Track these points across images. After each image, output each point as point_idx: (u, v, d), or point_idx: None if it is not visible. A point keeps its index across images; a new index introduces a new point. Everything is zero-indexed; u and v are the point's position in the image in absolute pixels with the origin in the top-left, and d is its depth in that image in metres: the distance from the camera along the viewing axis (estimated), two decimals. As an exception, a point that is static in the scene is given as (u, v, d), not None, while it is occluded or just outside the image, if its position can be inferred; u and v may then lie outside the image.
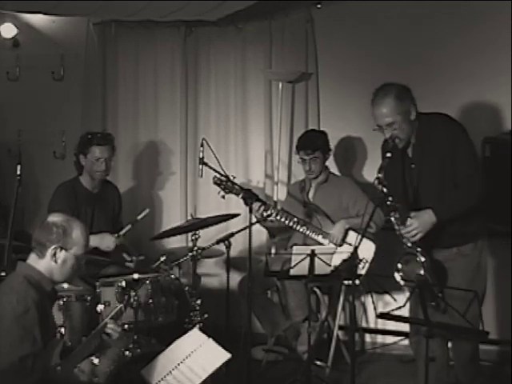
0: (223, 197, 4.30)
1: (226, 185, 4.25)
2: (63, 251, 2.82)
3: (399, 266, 3.38)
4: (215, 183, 4.29)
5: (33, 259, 2.85)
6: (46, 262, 2.83)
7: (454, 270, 3.42)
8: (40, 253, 2.82)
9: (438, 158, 3.39)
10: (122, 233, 4.36)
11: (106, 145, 4.43)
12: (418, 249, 3.35)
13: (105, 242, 4.28)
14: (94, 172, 4.42)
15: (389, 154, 3.33)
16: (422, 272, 3.30)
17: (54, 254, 2.81)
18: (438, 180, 3.41)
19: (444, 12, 4.71)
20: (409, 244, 3.38)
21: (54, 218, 2.88)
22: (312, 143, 4.57)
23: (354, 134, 5.07)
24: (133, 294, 3.57)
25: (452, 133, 3.38)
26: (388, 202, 3.35)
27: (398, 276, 3.40)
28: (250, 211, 3.87)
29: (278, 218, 4.42)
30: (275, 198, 5.05)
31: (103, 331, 2.99)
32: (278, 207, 4.60)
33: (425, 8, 4.74)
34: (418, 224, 3.33)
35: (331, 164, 4.87)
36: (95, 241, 4.19)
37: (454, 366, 3.60)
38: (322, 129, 4.96)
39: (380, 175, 3.30)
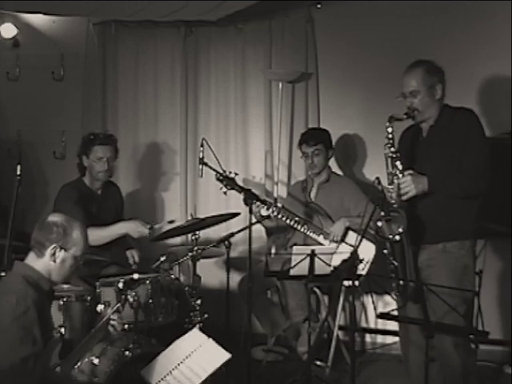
0: (225, 193, 4.31)
1: (227, 182, 4.26)
2: (62, 251, 2.82)
3: (379, 223, 3.35)
4: (218, 179, 4.29)
5: (31, 259, 2.85)
6: (45, 262, 2.82)
7: (440, 267, 3.38)
8: (39, 252, 2.82)
9: (450, 148, 3.42)
10: (156, 226, 4.25)
11: (108, 144, 4.42)
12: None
13: (138, 229, 4.22)
14: (96, 172, 4.40)
15: (404, 117, 3.44)
16: (401, 230, 3.29)
17: (53, 254, 2.81)
18: (444, 166, 3.41)
19: (444, 12, 4.71)
20: (395, 204, 3.35)
21: (55, 217, 2.87)
22: (314, 136, 4.63)
23: (355, 133, 5.08)
24: (132, 293, 3.57)
25: (468, 124, 3.42)
26: (392, 153, 3.39)
27: (376, 227, 3.38)
28: (250, 211, 3.88)
29: (280, 216, 4.42)
30: (275, 196, 5.05)
31: (104, 329, 2.99)
32: (279, 205, 4.60)
33: (425, 8, 4.75)
34: (411, 181, 3.32)
35: (332, 163, 4.86)
36: (127, 227, 4.24)
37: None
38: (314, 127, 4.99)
39: (388, 123, 3.39)
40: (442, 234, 3.40)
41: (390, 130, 3.41)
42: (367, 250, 4.26)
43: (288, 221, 4.44)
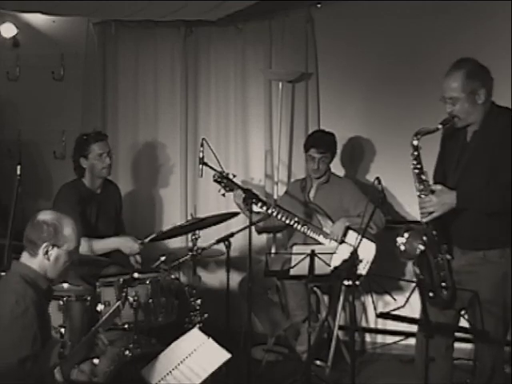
0: (223, 195, 4.30)
1: (226, 182, 4.26)
2: (55, 248, 2.82)
3: (401, 240, 3.27)
4: (215, 181, 4.30)
5: (26, 258, 2.85)
6: (39, 260, 2.83)
7: (480, 275, 3.26)
8: (32, 251, 2.83)
9: (494, 155, 3.23)
10: (146, 240, 4.25)
11: (103, 140, 4.43)
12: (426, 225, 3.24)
13: (128, 245, 4.25)
14: (99, 170, 4.38)
15: (439, 126, 3.26)
16: (422, 247, 3.22)
17: (46, 252, 2.81)
18: (485, 175, 3.24)
19: (444, 12, 4.72)
20: (423, 220, 3.26)
21: (45, 216, 2.87)
22: (325, 143, 4.60)
23: (355, 134, 5.07)
24: (132, 294, 3.58)
25: (509, 131, 3.23)
26: (417, 169, 3.27)
27: (398, 250, 3.29)
28: (250, 211, 3.88)
29: (279, 216, 4.42)
30: (275, 197, 5.05)
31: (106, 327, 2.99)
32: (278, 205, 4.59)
33: (425, 8, 4.75)
34: (435, 201, 3.21)
35: (333, 163, 4.85)
36: (118, 243, 4.25)
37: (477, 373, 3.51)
38: (321, 128, 4.97)
39: (415, 142, 3.24)
40: (483, 243, 3.28)
41: (415, 143, 3.25)
42: (367, 250, 4.27)
43: (288, 221, 4.44)
